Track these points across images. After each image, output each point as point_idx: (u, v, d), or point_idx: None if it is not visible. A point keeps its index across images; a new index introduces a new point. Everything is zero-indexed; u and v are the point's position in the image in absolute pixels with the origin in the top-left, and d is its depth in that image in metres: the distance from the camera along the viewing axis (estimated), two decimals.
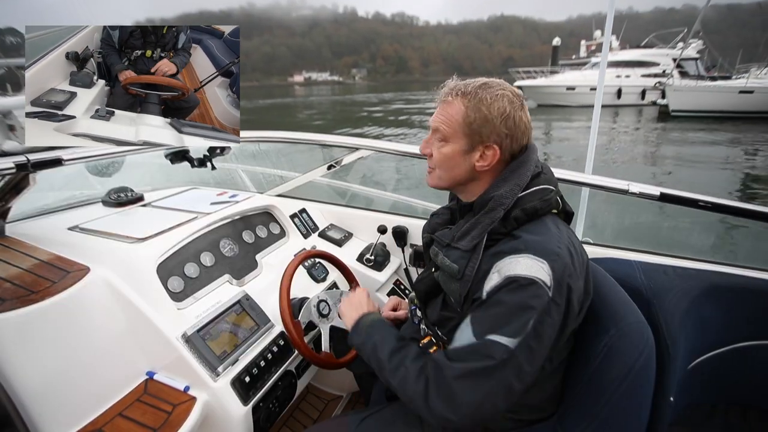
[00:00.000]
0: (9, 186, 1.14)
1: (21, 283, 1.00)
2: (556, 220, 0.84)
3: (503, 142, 0.82)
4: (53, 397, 0.92)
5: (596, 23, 42.93)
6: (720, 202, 1.24)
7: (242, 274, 1.39)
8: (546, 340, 0.73)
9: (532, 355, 0.72)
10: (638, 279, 1.09)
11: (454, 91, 0.84)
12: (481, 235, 0.81)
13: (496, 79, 0.86)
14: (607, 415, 0.81)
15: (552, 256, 0.74)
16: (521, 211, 0.80)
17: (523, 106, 0.83)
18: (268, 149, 2.71)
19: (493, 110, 0.80)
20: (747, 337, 1.13)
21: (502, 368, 0.72)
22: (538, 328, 0.72)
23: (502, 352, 0.71)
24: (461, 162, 0.86)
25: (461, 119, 0.82)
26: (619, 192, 1.31)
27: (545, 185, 0.84)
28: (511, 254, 0.76)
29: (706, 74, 21.27)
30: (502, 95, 0.81)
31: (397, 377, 0.84)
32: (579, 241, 0.87)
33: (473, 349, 0.74)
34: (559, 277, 0.73)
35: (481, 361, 0.73)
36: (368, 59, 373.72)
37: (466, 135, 0.83)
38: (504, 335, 0.72)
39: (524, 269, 0.73)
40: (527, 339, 0.71)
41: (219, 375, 1.04)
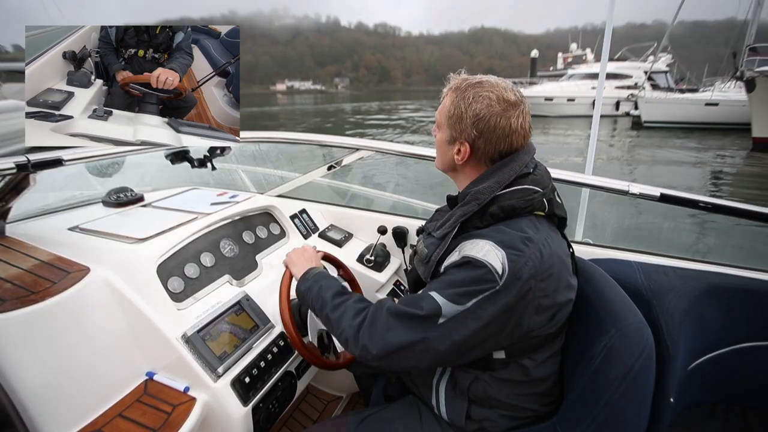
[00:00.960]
0: (9, 186, 1.14)
1: (21, 283, 1.00)
2: (535, 221, 0.84)
3: (475, 143, 0.85)
4: (53, 398, 0.92)
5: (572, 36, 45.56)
6: (720, 202, 1.24)
7: (242, 275, 1.39)
8: (486, 324, 0.76)
9: (464, 328, 0.76)
10: (638, 279, 1.09)
11: (452, 85, 0.89)
12: (453, 225, 0.86)
13: (496, 80, 0.86)
14: (606, 415, 0.81)
15: (513, 249, 0.76)
16: (498, 207, 0.82)
17: (506, 113, 0.82)
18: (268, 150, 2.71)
19: (470, 110, 0.83)
20: (747, 337, 1.13)
21: (427, 321, 0.77)
22: (477, 310, 0.75)
23: (431, 307, 0.77)
24: (446, 151, 0.91)
25: (446, 111, 0.88)
26: (619, 193, 1.31)
27: (530, 185, 0.84)
28: (475, 238, 0.81)
29: (675, 87, 22.12)
30: (486, 97, 0.82)
31: (337, 312, 0.90)
32: (563, 244, 0.88)
33: (412, 298, 0.81)
34: (517, 270, 0.74)
35: (412, 308, 0.79)
36: (351, 68, 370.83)
37: (449, 127, 0.88)
38: (440, 296, 0.77)
39: (480, 253, 0.76)
40: (463, 312, 0.76)
41: (219, 375, 1.04)
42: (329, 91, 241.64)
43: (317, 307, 0.97)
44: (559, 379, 0.91)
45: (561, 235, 0.90)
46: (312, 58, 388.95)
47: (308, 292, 1.02)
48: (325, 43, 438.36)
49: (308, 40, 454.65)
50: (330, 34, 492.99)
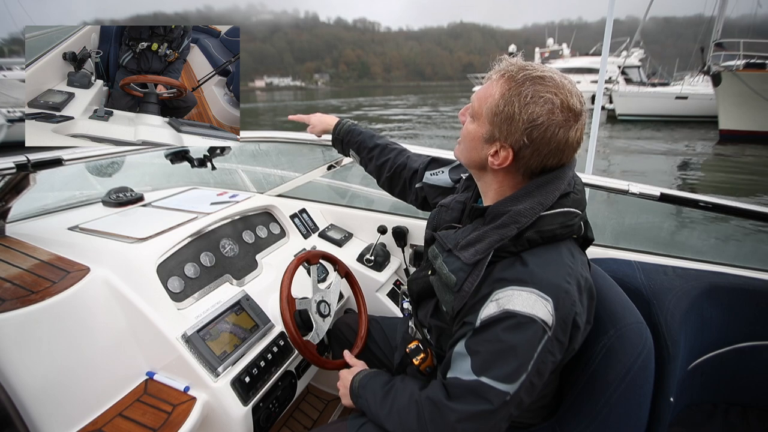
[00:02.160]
0: (9, 186, 1.14)
1: (21, 283, 1.00)
2: (572, 248, 0.76)
3: (521, 151, 0.72)
4: (53, 397, 0.92)
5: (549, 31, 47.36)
6: (720, 202, 1.24)
7: (242, 275, 1.39)
8: (546, 374, 0.72)
9: (532, 388, 0.71)
10: (638, 279, 1.09)
11: (505, 70, 0.73)
12: (487, 250, 0.73)
13: (560, 79, 0.71)
14: (606, 415, 0.81)
15: (559, 293, 0.68)
16: (537, 233, 0.72)
17: (568, 123, 0.70)
18: (268, 149, 2.70)
19: (525, 112, 0.69)
20: (747, 337, 1.13)
21: (502, 409, 0.70)
22: (540, 367, 0.69)
23: (500, 398, 0.69)
24: (479, 148, 0.77)
25: (493, 104, 0.72)
26: (619, 192, 1.31)
27: (572, 208, 0.75)
28: (514, 285, 0.69)
29: (648, 81, 22.64)
30: (547, 100, 0.68)
31: (392, 422, 0.84)
32: (588, 266, 0.82)
33: (472, 389, 0.71)
34: (565, 315, 0.69)
35: (481, 405, 0.70)
36: (331, 64, 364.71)
37: (491, 123, 0.74)
38: (501, 381, 0.69)
39: (524, 306, 0.68)
40: (529, 377, 0.69)
41: (219, 375, 1.04)
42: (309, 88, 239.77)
43: (379, 423, 0.90)
44: (558, 381, 0.91)
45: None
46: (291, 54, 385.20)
47: (366, 409, 0.94)
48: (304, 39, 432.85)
49: (287, 36, 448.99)
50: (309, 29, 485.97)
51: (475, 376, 0.71)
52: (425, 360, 0.93)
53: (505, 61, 0.75)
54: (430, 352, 0.94)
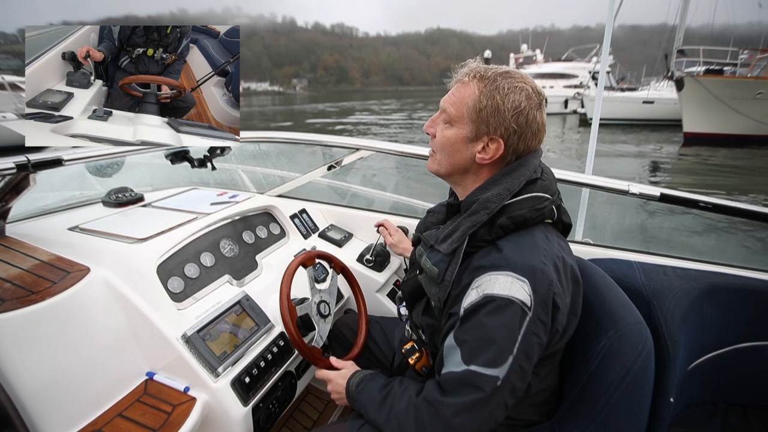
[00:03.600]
0: (9, 186, 1.14)
1: (21, 283, 1.00)
2: (546, 231, 0.80)
3: (510, 138, 0.77)
4: (53, 398, 0.92)
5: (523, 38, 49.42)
6: (720, 202, 1.24)
7: (242, 275, 1.39)
8: (534, 357, 0.73)
9: (522, 373, 0.72)
10: (638, 279, 1.09)
11: (473, 72, 0.79)
12: (461, 238, 0.77)
13: (520, 71, 0.80)
14: (606, 416, 0.81)
15: (535, 273, 0.71)
16: (508, 219, 0.76)
17: (541, 106, 0.78)
18: (268, 149, 2.71)
19: (507, 101, 0.75)
20: (747, 337, 1.13)
21: (494, 395, 0.71)
22: (527, 349, 0.71)
23: (491, 384, 0.71)
24: (462, 149, 0.81)
25: (472, 103, 0.77)
26: (619, 192, 1.31)
27: (540, 193, 0.79)
28: (491, 270, 0.73)
29: (617, 86, 23.98)
30: (521, 88, 0.76)
31: (391, 428, 0.82)
32: (571, 252, 0.85)
33: (463, 380, 0.73)
34: (544, 295, 0.71)
35: (473, 394, 0.71)
36: (309, 69, 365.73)
37: (473, 121, 0.78)
38: (487, 366, 0.71)
39: (502, 288, 0.70)
40: (517, 360, 0.70)
41: (219, 375, 1.04)
42: (287, 92, 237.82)
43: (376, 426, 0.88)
44: (557, 380, 0.91)
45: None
46: (268, 59, 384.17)
47: (363, 411, 0.92)
48: (281, 44, 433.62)
49: (264, 40, 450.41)
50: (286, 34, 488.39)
51: (465, 366, 0.73)
52: (420, 359, 0.94)
53: (466, 65, 0.82)
54: (425, 352, 0.94)
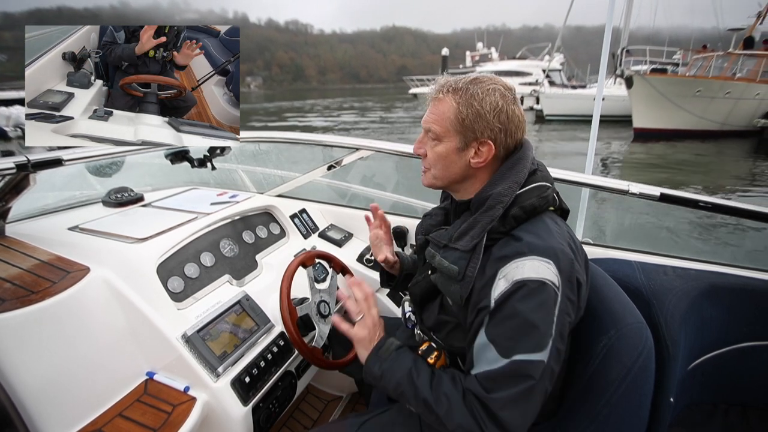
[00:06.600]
0: (9, 186, 1.14)
1: (21, 283, 1.00)
2: (554, 217, 0.84)
3: (497, 137, 0.82)
4: (53, 397, 0.92)
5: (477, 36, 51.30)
6: (720, 202, 1.24)
7: (242, 275, 1.39)
8: (566, 337, 0.75)
9: (558, 356, 0.74)
10: (638, 279, 1.09)
11: (445, 87, 0.83)
12: (480, 234, 0.80)
13: (487, 74, 0.85)
14: (606, 415, 0.81)
15: (557, 253, 0.74)
16: (520, 209, 0.79)
17: (515, 100, 0.83)
18: (268, 149, 2.71)
19: (486, 105, 0.79)
20: (747, 337, 1.13)
21: (541, 381, 0.72)
22: (561, 329, 0.73)
23: (539, 369, 0.71)
24: (456, 160, 0.85)
25: (453, 116, 0.82)
26: (619, 192, 1.31)
27: (542, 182, 0.83)
28: (516, 258, 0.74)
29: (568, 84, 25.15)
30: (494, 89, 0.80)
31: (442, 408, 0.77)
32: (574, 234, 0.87)
33: (508, 374, 0.71)
34: (568, 274, 0.74)
35: (522, 384, 0.71)
36: (263, 67, 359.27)
37: (459, 132, 0.82)
38: (532, 351, 0.71)
39: (531, 272, 0.72)
40: (554, 343, 0.72)
41: (219, 375, 1.04)
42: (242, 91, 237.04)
43: (407, 396, 0.82)
44: (559, 380, 0.91)
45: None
46: None
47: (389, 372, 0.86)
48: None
49: None
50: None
51: (506, 359, 0.72)
52: (439, 358, 0.92)
53: (436, 83, 0.86)
54: (443, 352, 0.93)
